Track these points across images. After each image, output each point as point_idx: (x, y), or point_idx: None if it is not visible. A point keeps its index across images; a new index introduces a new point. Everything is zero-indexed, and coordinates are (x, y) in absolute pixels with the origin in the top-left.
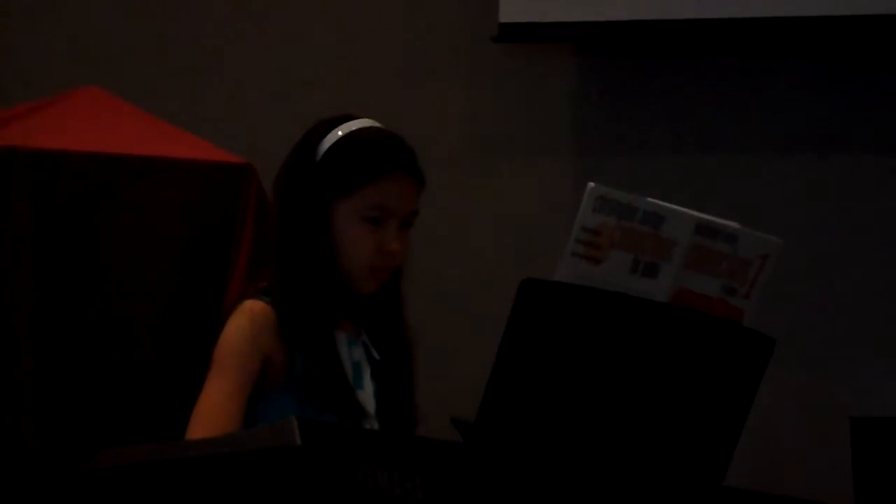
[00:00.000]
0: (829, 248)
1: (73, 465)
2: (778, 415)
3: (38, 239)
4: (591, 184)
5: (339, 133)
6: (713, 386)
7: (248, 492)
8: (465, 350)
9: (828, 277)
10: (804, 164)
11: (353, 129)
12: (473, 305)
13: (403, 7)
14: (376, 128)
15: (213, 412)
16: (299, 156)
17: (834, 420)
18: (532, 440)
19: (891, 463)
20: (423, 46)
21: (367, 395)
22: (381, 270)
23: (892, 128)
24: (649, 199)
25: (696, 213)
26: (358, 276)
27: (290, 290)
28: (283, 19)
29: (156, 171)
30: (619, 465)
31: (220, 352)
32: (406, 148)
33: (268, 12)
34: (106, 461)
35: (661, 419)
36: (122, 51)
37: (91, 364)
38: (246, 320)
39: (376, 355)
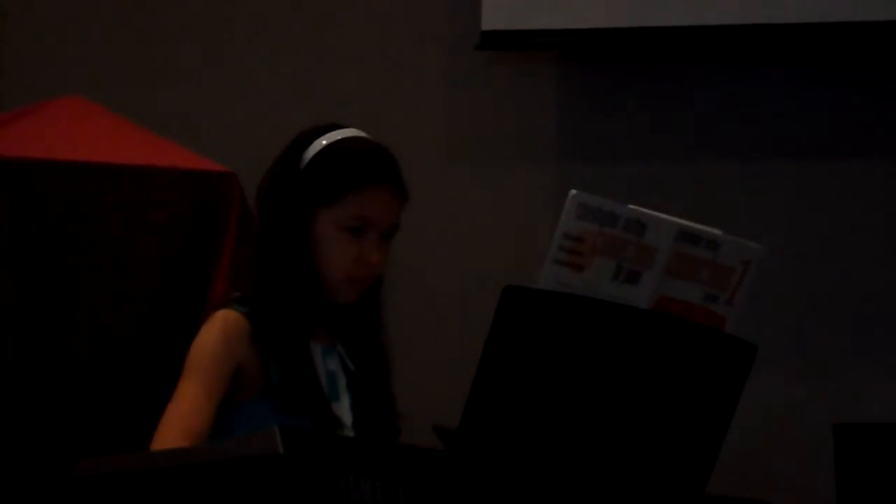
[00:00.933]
0: (812, 254)
1: (55, 473)
2: (760, 421)
3: (18, 248)
4: (574, 191)
5: (324, 142)
6: (696, 392)
7: (231, 500)
8: (447, 356)
9: (810, 284)
10: (787, 170)
11: (338, 138)
12: (455, 312)
13: (386, 15)
14: (361, 138)
15: (182, 417)
16: (283, 164)
17: (816, 427)
18: (515, 447)
19: (873, 470)
20: (406, 54)
21: (342, 406)
22: (360, 281)
23: (878, 133)
24: (631, 206)
25: (678, 220)
26: (336, 286)
27: (267, 297)
28: (266, 29)
29: (138, 180)
30: (602, 471)
31: (192, 359)
32: (390, 160)
33: (250, 21)
34: (87, 470)
35: (644, 426)
36: (103, 57)
37: (73, 373)
38: (218, 329)
39: (351, 366)
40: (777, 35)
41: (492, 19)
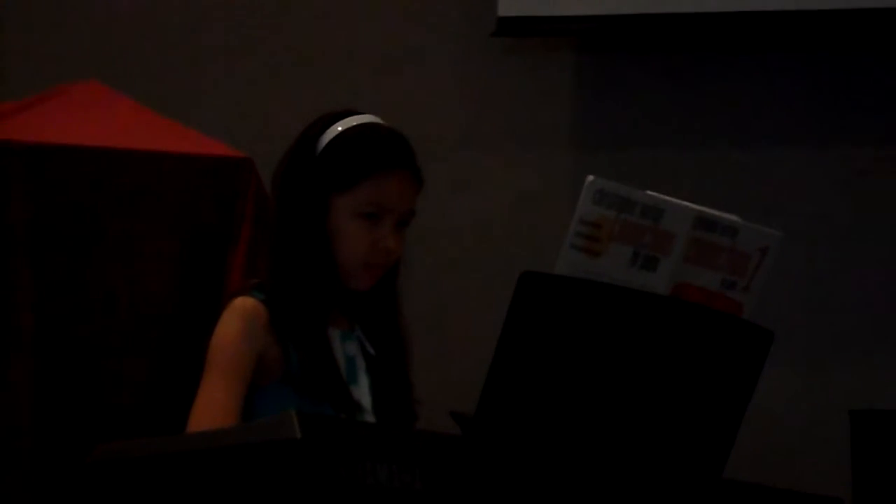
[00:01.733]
0: (830, 241)
1: (71, 460)
2: (777, 407)
3: (36, 232)
4: (591, 177)
5: (340, 128)
6: (712, 379)
7: (248, 485)
8: (463, 343)
9: (828, 270)
10: (805, 158)
11: (354, 124)
12: (472, 299)
13: (402, 2)
14: (377, 124)
15: (211, 411)
16: (299, 150)
17: (833, 413)
18: (531, 433)
19: (890, 456)
20: (422, 41)
21: (362, 390)
22: (375, 268)
23: (891, 119)
24: (649, 193)
25: (695, 207)
26: (352, 272)
27: (283, 283)
28: (280, 14)
29: (155, 165)
30: (618, 457)
31: (214, 351)
32: (406, 146)
33: (266, 7)
34: (104, 455)
35: (660, 412)
36: (122, 44)
37: (90, 357)
38: (237, 318)
39: (371, 350)
40: (794, 22)
41: (508, 6)
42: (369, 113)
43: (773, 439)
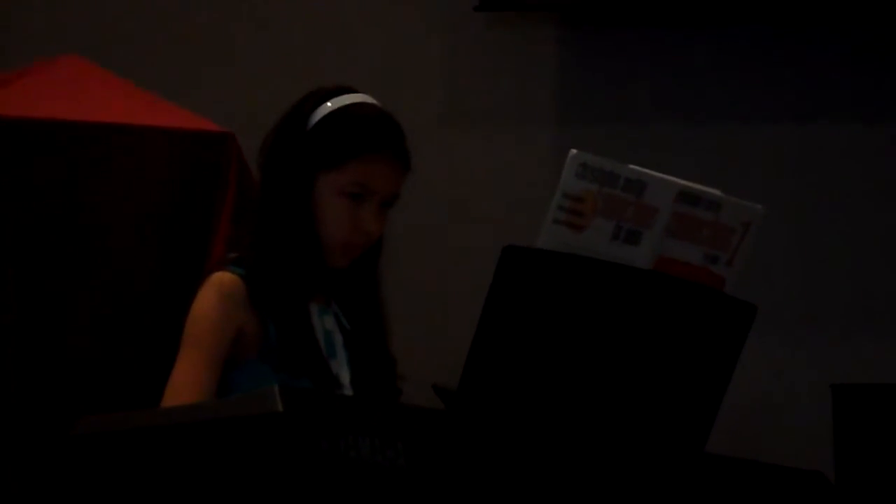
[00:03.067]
0: (813, 216)
1: (54, 431)
2: (759, 381)
3: (17, 207)
4: (574, 150)
5: (330, 105)
6: (695, 353)
7: (230, 459)
8: (446, 317)
9: (810, 245)
10: (788, 133)
11: (346, 103)
12: (454, 273)
13: None
14: (369, 104)
15: (186, 387)
16: (288, 125)
17: (814, 387)
18: (514, 407)
19: (871, 430)
20: (405, 15)
21: (340, 364)
22: (354, 248)
23: (876, 96)
24: (632, 167)
25: (678, 181)
26: (330, 250)
27: (266, 256)
28: None
29: (136, 140)
30: (600, 431)
31: (191, 326)
32: (396, 129)
33: None
34: (87, 428)
35: (642, 386)
36: (107, 19)
37: (72, 331)
38: (215, 293)
39: (347, 325)
40: None
41: None
42: (352, 86)
43: (754, 413)
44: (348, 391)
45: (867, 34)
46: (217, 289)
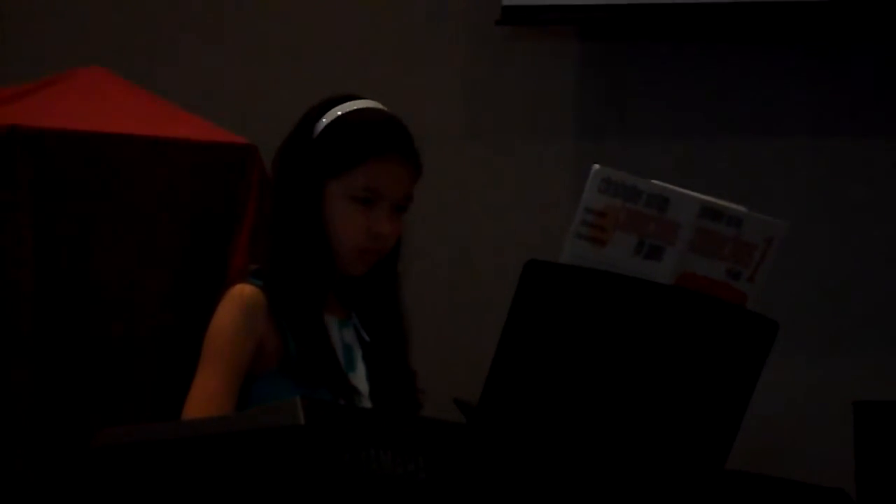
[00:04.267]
0: (836, 232)
1: (72, 445)
2: (781, 398)
3: (40, 217)
4: (597, 165)
5: (338, 112)
6: (716, 369)
7: (251, 471)
8: (467, 332)
9: (833, 261)
10: (811, 148)
11: (352, 108)
12: (476, 287)
13: None
14: (375, 109)
15: (207, 398)
16: (298, 133)
17: (836, 404)
18: (535, 422)
19: (893, 447)
20: (426, 29)
21: (359, 377)
22: (369, 253)
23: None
24: (654, 182)
25: (701, 196)
26: (346, 257)
27: (280, 267)
28: (281, 2)
29: (159, 151)
30: (621, 447)
31: (212, 338)
32: (403, 131)
33: None
34: (106, 440)
35: (664, 402)
36: (126, 30)
37: (92, 345)
38: (236, 305)
39: (367, 337)
40: (799, 12)
41: None
42: (358, 94)
43: (776, 430)
44: (367, 404)
45: (883, 49)
46: (238, 301)
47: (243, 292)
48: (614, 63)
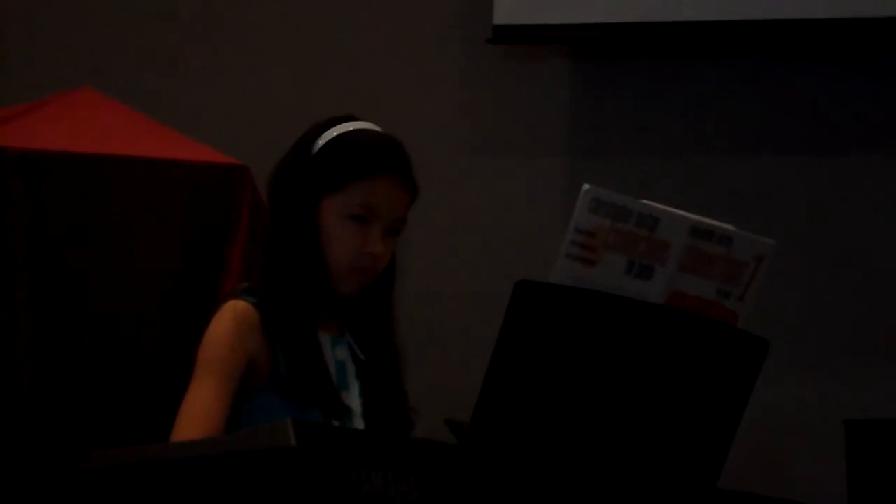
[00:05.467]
0: (826, 250)
1: (67, 466)
2: (772, 417)
3: (32, 239)
4: (586, 185)
5: (335, 132)
6: (707, 388)
7: (243, 492)
8: (459, 351)
9: (823, 279)
10: (800, 166)
11: (350, 129)
12: (467, 306)
13: (398, 9)
14: (373, 130)
15: (198, 414)
16: (294, 153)
17: (827, 422)
18: (527, 442)
19: (884, 466)
20: (417, 48)
21: (352, 395)
22: (361, 272)
23: (889, 129)
24: (644, 201)
25: (690, 216)
26: (338, 275)
27: (274, 283)
28: (277, 23)
29: (150, 172)
30: (613, 466)
31: (205, 353)
32: (400, 152)
33: (261, 16)
34: (99, 462)
35: (655, 421)
36: (117, 51)
37: (86, 364)
38: (229, 321)
39: (360, 355)
40: (788, 30)
41: (504, 14)
42: (368, 119)
43: (767, 449)
44: (359, 422)
45: (875, 66)
46: (231, 316)
47: (236, 307)
48: (607, 81)
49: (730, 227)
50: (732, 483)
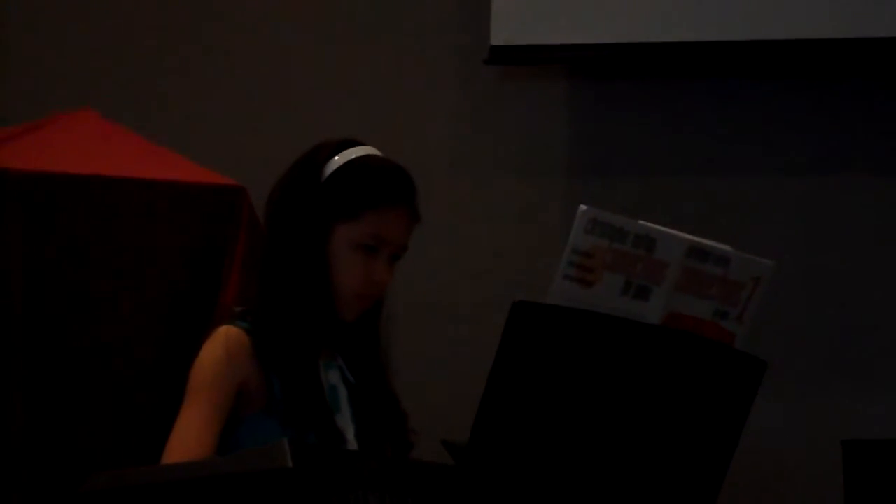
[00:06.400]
0: (824, 270)
1: (64, 486)
2: (769, 437)
3: (30, 261)
4: (583, 206)
5: (346, 157)
6: (705, 408)
7: None
8: (456, 372)
9: (821, 299)
10: (798, 187)
11: (361, 154)
12: (464, 326)
13: (395, 30)
14: (381, 157)
15: (188, 440)
16: (301, 176)
17: (825, 443)
18: (524, 462)
19: (882, 486)
20: (415, 69)
21: (344, 418)
22: (365, 299)
23: (887, 149)
24: (641, 222)
25: (688, 236)
26: (343, 302)
27: (276, 309)
28: (275, 43)
29: (148, 194)
30: (611, 487)
31: (195, 379)
32: (410, 183)
33: (260, 37)
34: (97, 484)
35: (653, 441)
36: (115, 72)
37: (82, 386)
38: (220, 347)
39: (351, 378)
40: (783, 51)
41: (501, 34)
42: (367, 140)
43: (765, 469)
44: (353, 446)
45: (876, 87)
46: (222, 342)
47: (228, 333)
48: (604, 102)
49: (727, 247)
50: (730, 503)
